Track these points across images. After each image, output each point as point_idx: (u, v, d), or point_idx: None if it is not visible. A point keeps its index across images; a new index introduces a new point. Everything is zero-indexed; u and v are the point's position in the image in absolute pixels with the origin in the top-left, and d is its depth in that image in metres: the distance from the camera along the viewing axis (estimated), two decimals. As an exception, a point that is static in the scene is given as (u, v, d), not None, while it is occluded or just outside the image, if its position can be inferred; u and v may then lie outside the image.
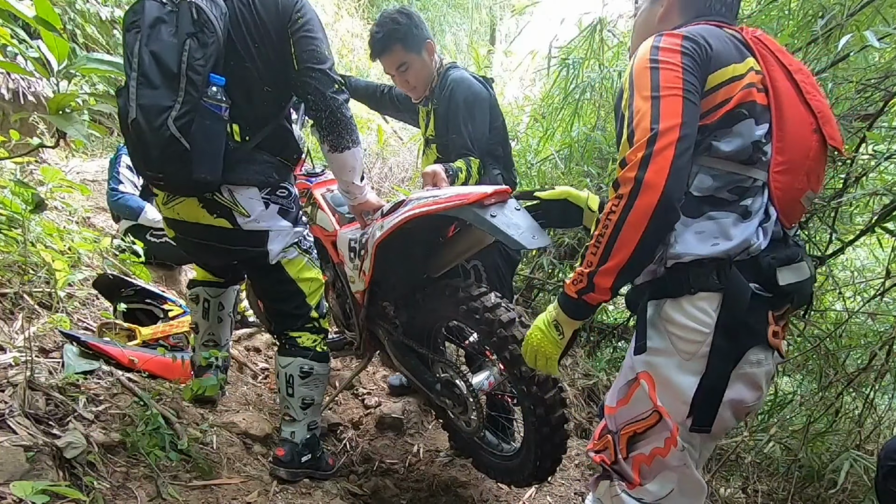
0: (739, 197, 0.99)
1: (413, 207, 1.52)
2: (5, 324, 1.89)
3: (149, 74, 1.32)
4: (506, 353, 1.51)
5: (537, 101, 4.02)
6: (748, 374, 1.00)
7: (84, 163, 3.69)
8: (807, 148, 1.02)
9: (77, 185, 2.23)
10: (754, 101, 0.97)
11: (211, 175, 1.40)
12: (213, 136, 1.38)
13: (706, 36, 0.98)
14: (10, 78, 3.42)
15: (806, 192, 1.04)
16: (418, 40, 1.95)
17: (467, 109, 1.93)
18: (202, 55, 1.33)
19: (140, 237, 2.65)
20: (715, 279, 0.97)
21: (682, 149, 0.90)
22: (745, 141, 0.97)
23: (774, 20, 2.55)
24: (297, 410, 1.73)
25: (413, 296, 1.77)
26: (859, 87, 2.09)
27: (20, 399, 1.45)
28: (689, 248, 0.99)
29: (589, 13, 2.85)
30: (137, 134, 1.34)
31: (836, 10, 2.05)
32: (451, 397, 1.71)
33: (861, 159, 2.21)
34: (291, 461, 1.71)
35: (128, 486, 1.41)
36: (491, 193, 1.38)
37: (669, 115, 0.90)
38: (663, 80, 0.93)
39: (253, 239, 1.60)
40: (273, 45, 1.48)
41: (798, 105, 1.02)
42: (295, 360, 1.70)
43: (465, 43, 9.18)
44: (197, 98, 1.33)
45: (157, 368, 1.96)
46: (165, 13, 1.34)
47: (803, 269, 1.02)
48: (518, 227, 1.36)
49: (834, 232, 2.31)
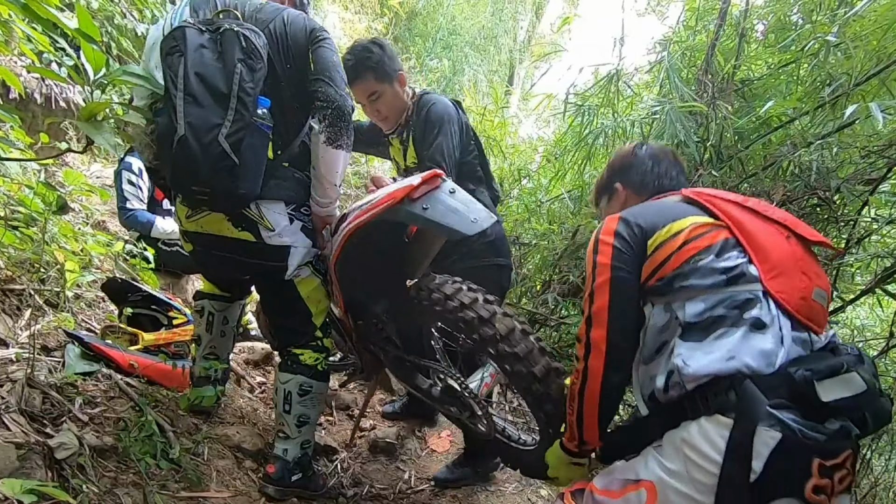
0: (741, 310, 0.97)
1: (351, 220, 1.48)
2: (11, 319, 1.90)
3: (196, 95, 1.40)
4: (490, 350, 1.37)
5: (550, 143, 4.12)
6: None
7: (104, 168, 3.78)
8: (789, 252, 1.05)
9: (97, 189, 2.29)
10: (710, 244, 1.03)
11: (253, 190, 1.49)
12: (260, 153, 1.49)
13: (639, 212, 1.13)
14: (43, 83, 3.55)
15: (813, 289, 1.03)
16: (390, 70, 1.96)
17: (440, 126, 1.93)
18: (251, 79, 1.43)
19: (152, 244, 2.70)
20: (733, 397, 0.90)
21: (613, 340, 1.04)
22: (716, 272, 1.00)
23: (783, 84, 2.64)
24: (292, 427, 1.72)
25: (398, 305, 1.69)
26: (864, 152, 2.15)
27: (17, 396, 1.45)
28: (703, 366, 0.95)
29: (606, 64, 2.96)
30: (185, 150, 1.40)
31: (843, 78, 2.13)
32: (455, 403, 1.66)
33: (864, 221, 2.24)
34: (281, 479, 1.69)
35: (115, 491, 1.39)
36: (419, 184, 1.30)
37: (600, 307, 1.06)
38: (599, 262, 1.08)
39: (274, 253, 1.63)
40: (301, 65, 1.59)
41: (761, 222, 1.08)
42: (295, 378, 1.71)
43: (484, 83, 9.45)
44: (249, 118, 1.43)
45: (157, 375, 1.96)
46: (206, 40, 1.44)
47: (855, 380, 0.88)
48: (455, 211, 1.27)
49: (835, 290, 2.32)
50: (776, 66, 2.70)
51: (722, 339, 0.96)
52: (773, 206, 1.15)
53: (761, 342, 0.94)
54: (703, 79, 2.66)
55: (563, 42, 10.54)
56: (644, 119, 2.78)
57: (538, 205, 3.50)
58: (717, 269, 1.00)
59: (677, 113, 2.46)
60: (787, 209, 2.33)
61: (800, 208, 2.33)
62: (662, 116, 2.51)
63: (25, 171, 2.64)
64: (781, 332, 0.96)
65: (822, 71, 2.25)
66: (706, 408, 0.93)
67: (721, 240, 1.03)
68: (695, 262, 1.01)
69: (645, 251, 1.07)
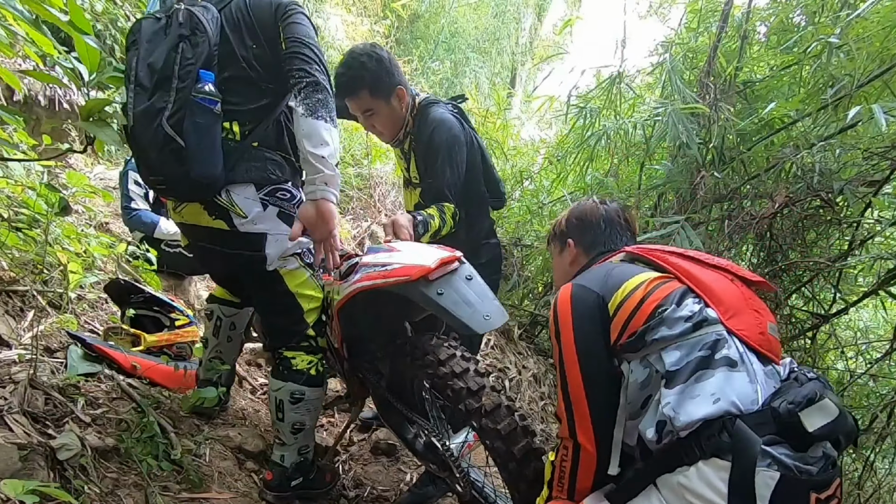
0: (713, 351, 1.01)
1: (363, 278, 1.43)
2: (14, 321, 1.91)
3: (143, 83, 1.37)
4: (473, 422, 1.34)
5: (552, 144, 4.12)
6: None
7: (108, 170, 3.80)
8: (737, 294, 1.11)
9: (100, 190, 2.30)
10: (667, 294, 1.08)
11: (208, 173, 1.40)
12: (205, 131, 1.38)
13: (591, 278, 1.18)
14: (47, 86, 3.57)
15: (766, 324, 1.09)
16: (387, 86, 1.82)
17: (448, 152, 1.83)
18: (192, 55, 1.37)
19: (155, 246, 2.71)
20: (727, 438, 0.92)
21: (594, 403, 1.07)
22: (681, 321, 1.04)
23: (786, 86, 2.64)
24: (288, 435, 1.66)
25: (394, 345, 1.63)
26: (866, 154, 2.15)
27: (20, 397, 1.46)
28: (692, 413, 0.96)
29: (608, 66, 2.96)
30: (136, 140, 1.38)
31: (845, 80, 2.13)
32: (436, 461, 1.62)
33: (867, 223, 2.24)
34: (280, 486, 1.67)
35: (117, 492, 1.40)
36: (436, 267, 1.26)
37: (575, 385, 1.08)
38: (563, 333, 1.12)
39: (249, 242, 1.55)
40: (269, 44, 1.50)
41: (706, 270, 1.14)
42: (286, 385, 1.63)
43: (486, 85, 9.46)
44: (187, 95, 1.36)
45: (158, 376, 1.97)
46: (160, 27, 1.41)
47: (829, 406, 0.92)
48: (468, 304, 1.24)
49: (838, 292, 2.32)
50: (779, 68, 2.70)
51: (703, 381, 0.99)
52: (711, 256, 1.23)
53: (740, 380, 0.98)
54: (706, 80, 2.66)
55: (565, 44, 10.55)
56: (646, 121, 2.78)
57: (540, 206, 3.51)
58: (682, 318, 1.04)
59: (679, 115, 2.46)
60: (790, 211, 2.33)
61: (802, 210, 2.33)
62: (664, 118, 2.51)
63: (29, 173, 2.65)
64: (753, 368, 1.00)
65: (825, 73, 2.25)
66: (702, 452, 0.94)
67: (676, 290, 1.09)
68: (660, 314, 1.05)
69: (607, 313, 1.11)
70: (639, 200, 3.00)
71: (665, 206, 2.93)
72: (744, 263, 2.79)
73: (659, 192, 2.97)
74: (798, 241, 2.43)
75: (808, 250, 2.43)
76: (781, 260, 2.47)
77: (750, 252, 2.74)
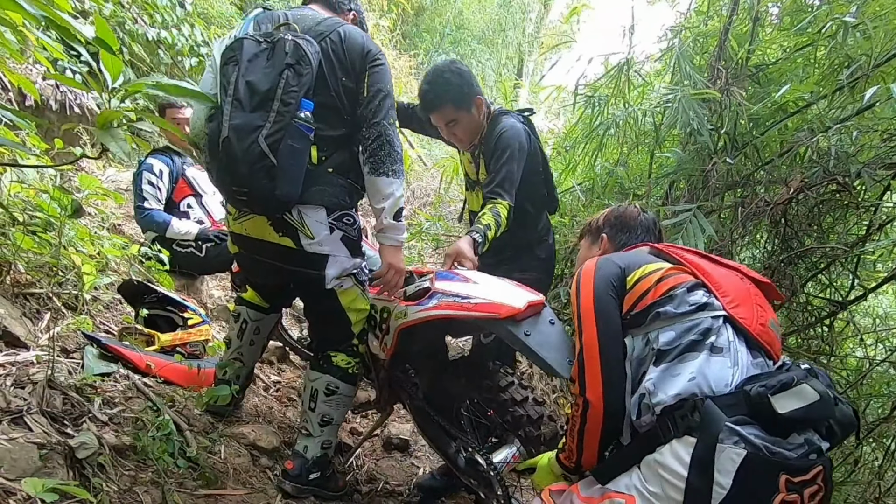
0: (704, 337, 1.06)
1: (441, 306, 1.49)
2: (32, 322, 1.94)
3: (242, 99, 1.47)
4: (521, 432, 1.45)
5: (560, 135, 4.08)
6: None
7: (119, 173, 3.84)
8: (744, 289, 1.18)
9: (112, 193, 2.33)
10: (682, 282, 1.15)
11: (292, 193, 1.51)
12: (298, 155, 1.50)
13: (616, 256, 1.28)
14: (58, 90, 3.62)
15: (768, 319, 1.14)
16: (469, 98, 1.97)
17: (511, 154, 1.95)
18: (297, 83, 1.48)
19: (166, 246, 2.74)
20: (697, 418, 0.98)
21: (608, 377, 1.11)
22: (686, 303, 1.11)
23: (800, 67, 2.58)
24: (315, 426, 1.75)
25: (436, 360, 1.74)
26: (885, 136, 2.09)
27: (38, 397, 1.48)
28: (669, 389, 1.03)
29: (616, 53, 2.92)
30: (228, 151, 1.46)
31: (862, 60, 2.07)
32: (477, 477, 1.66)
33: (885, 207, 2.18)
34: (299, 476, 1.71)
35: (134, 489, 1.42)
36: (525, 308, 1.32)
37: (588, 334, 1.14)
38: (583, 296, 1.18)
39: (312, 262, 1.66)
40: (355, 80, 1.63)
41: (718, 268, 1.21)
42: (323, 377, 1.74)
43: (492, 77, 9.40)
44: (289, 119, 1.47)
45: (173, 375, 1.99)
46: (260, 50, 1.52)
47: (806, 391, 0.95)
48: (552, 347, 1.30)
49: (856, 278, 2.27)
50: (792, 50, 2.64)
51: (686, 362, 1.05)
52: (721, 257, 1.30)
53: (719, 364, 1.03)
54: (717, 65, 2.60)
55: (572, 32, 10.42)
56: (656, 108, 2.73)
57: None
58: (688, 301, 1.11)
59: (690, 101, 2.41)
60: (805, 196, 2.28)
61: (818, 195, 2.27)
62: (674, 105, 2.46)
63: (42, 177, 2.69)
64: (739, 356, 1.05)
65: (840, 53, 2.19)
66: (676, 430, 1.00)
67: (689, 280, 1.16)
68: (672, 293, 1.13)
69: (625, 286, 1.18)
70: (649, 189, 2.96)
71: (676, 195, 2.88)
72: (758, 251, 2.74)
73: (670, 180, 2.92)
74: (814, 227, 2.38)
75: (825, 236, 2.38)
76: (797, 246, 2.41)
77: (764, 239, 2.69)
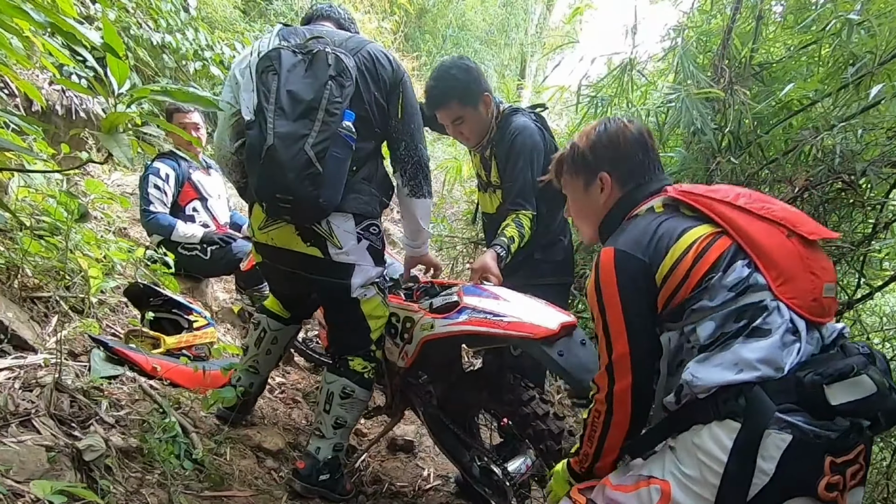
0: (749, 321, 0.95)
1: (472, 321, 1.50)
2: (39, 326, 1.96)
3: (286, 109, 1.52)
4: (542, 446, 1.46)
5: (563, 135, 4.07)
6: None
7: (125, 177, 3.87)
8: (793, 252, 1.00)
9: (118, 196, 2.34)
10: (717, 258, 0.99)
11: (334, 199, 1.57)
12: (341, 162, 1.57)
13: (633, 241, 1.06)
14: (64, 95, 3.65)
15: (822, 287, 1.00)
16: (475, 95, 1.95)
17: (528, 158, 1.93)
18: (340, 95, 1.54)
19: (172, 249, 2.75)
20: (743, 402, 0.91)
21: (638, 392, 1.03)
22: (724, 289, 0.98)
23: (804, 66, 2.57)
24: (329, 428, 1.76)
25: (452, 370, 1.75)
26: (890, 133, 2.07)
27: (46, 400, 1.50)
28: (713, 377, 0.94)
29: (619, 53, 2.91)
30: (273, 158, 1.50)
31: (866, 58, 2.06)
32: (491, 486, 1.67)
33: (891, 205, 2.17)
34: (309, 476, 1.73)
35: (141, 491, 1.43)
36: (558, 329, 1.34)
37: (620, 349, 1.03)
38: (607, 304, 1.04)
39: (337, 271, 1.69)
40: (386, 98, 1.70)
41: (759, 223, 1.01)
42: (340, 380, 1.76)
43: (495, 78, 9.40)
44: (335, 128, 1.53)
45: (179, 377, 2.00)
46: (298, 61, 1.58)
47: (865, 383, 0.87)
48: (585, 368, 1.31)
49: (862, 276, 2.25)
50: (796, 48, 2.62)
51: (728, 349, 0.95)
52: (768, 199, 1.07)
53: (769, 348, 0.93)
54: (720, 64, 2.59)
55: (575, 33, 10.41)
56: (659, 108, 2.72)
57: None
58: (726, 286, 0.97)
59: (693, 100, 2.40)
60: (810, 195, 2.26)
61: (823, 193, 2.26)
62: (678, 104, 2.45)
63: (49, 182, 2.71)
64: (792, 336, 0.95)
65: (845, 51, 2.18)
66: (717, 413, 0.94)
67: (726, 250, 0.99)
68: (707, 282, 0.98)
69: (654, 284, 1.03)
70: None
71: (681, 194, 2.87)
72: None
73: (674, 179, 2.90)
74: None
75: (831, 235, 2.36)
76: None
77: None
